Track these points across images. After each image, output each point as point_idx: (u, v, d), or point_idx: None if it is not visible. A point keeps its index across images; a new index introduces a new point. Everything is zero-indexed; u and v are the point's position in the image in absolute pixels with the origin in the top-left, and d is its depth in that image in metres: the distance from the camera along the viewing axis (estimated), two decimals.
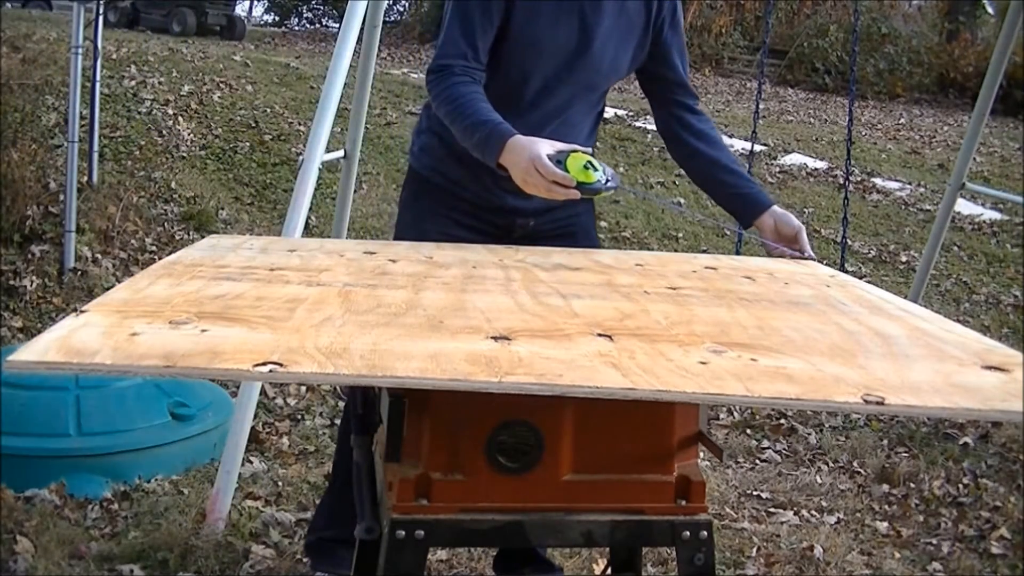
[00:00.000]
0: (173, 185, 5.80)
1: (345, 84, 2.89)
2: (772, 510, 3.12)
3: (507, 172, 1.91)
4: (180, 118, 7.06)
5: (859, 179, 8.40)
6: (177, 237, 5.13)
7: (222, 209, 5.71)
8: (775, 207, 2.13)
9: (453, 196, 2.18)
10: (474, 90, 1.99)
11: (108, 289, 1.93)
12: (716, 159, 2.19)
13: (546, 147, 1.88)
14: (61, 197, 4.76)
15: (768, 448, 3.63)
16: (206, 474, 3.01)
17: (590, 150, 1.96)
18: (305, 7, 19.77)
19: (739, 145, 9.08)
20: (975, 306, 5.69)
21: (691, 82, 2.26)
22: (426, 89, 2.06)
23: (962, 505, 3.23)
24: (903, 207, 7.90)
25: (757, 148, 5.78)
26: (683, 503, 1.43)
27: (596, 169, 1.90)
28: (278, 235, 2.75)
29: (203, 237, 2.30)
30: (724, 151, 2.22)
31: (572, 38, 2.06)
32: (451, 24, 2.03)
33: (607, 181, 1.91)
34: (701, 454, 1.65)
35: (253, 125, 7.37)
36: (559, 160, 1.88)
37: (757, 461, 3.53)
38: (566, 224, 2.23)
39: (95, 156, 5.39)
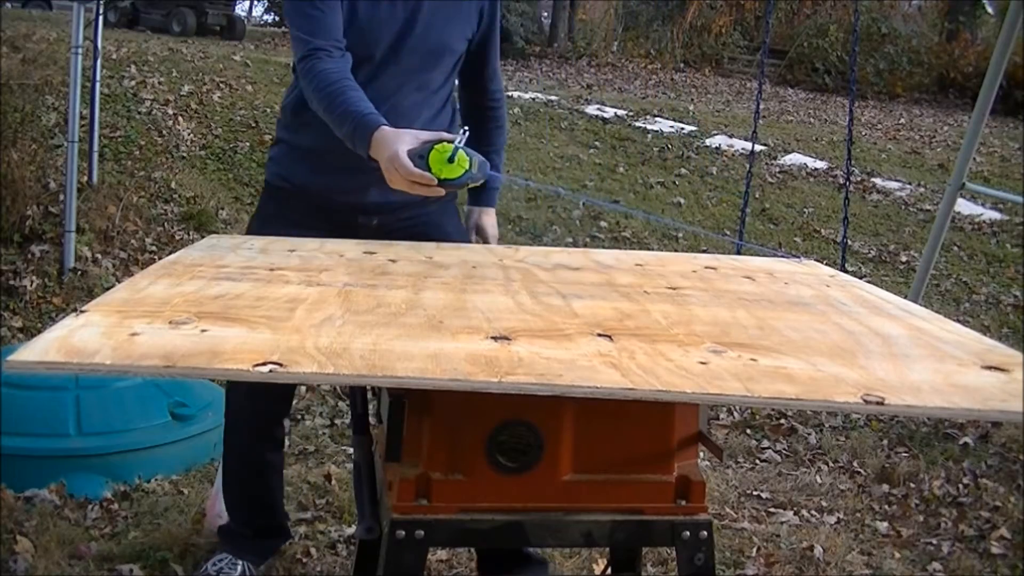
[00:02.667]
0: (173, 185, 5.79)
1: None
2: (772, 510, 3.12)
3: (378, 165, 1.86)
4: (180, 118, 7.06)
5: (859, 179, 8.40)
6: (177, 237, 5.13)
7: (222, 209, 5.70)
8: (491, 209, 2.38)
9: (297, 199, 2.17)
10: (343, 75, 1.95)
11: (108, 289, 1.92)
12: (487, 139, 2.27)
13: (407, 142, 1.82)
14: (61, 197, 4.75)
15: (768, 448, 3.63)
16: (206, 474, 3.01)
17: (457, 138, 1.87)
18: None
19: (739, 145, 9.08)
20: (975, 306, 5.69)
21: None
22: (300, 81, 2.01)
23: (962, 505, 3.23)
24: (903, 207, 7.90)
25: (757, 148, 5.78)
26: (683, 503, 1.43)
27: (462, 161, 1.82)
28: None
29: (203, 237, 2.30)
30: (498, 138, 2.32)
31: (397, 20, 2.05)
32: (306, 8, 1.99)
33: (474, 172, 1.84)
34: (701, 454, 1.65)
35: (253, 125, 7.36)
36: (422, 155, 1.81)
37: (757, 461, 3.53)
38: (414, 222, 2.21)
39: (95, 156, 5.38)
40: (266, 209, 2.27)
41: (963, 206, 7.50)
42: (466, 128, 1.91)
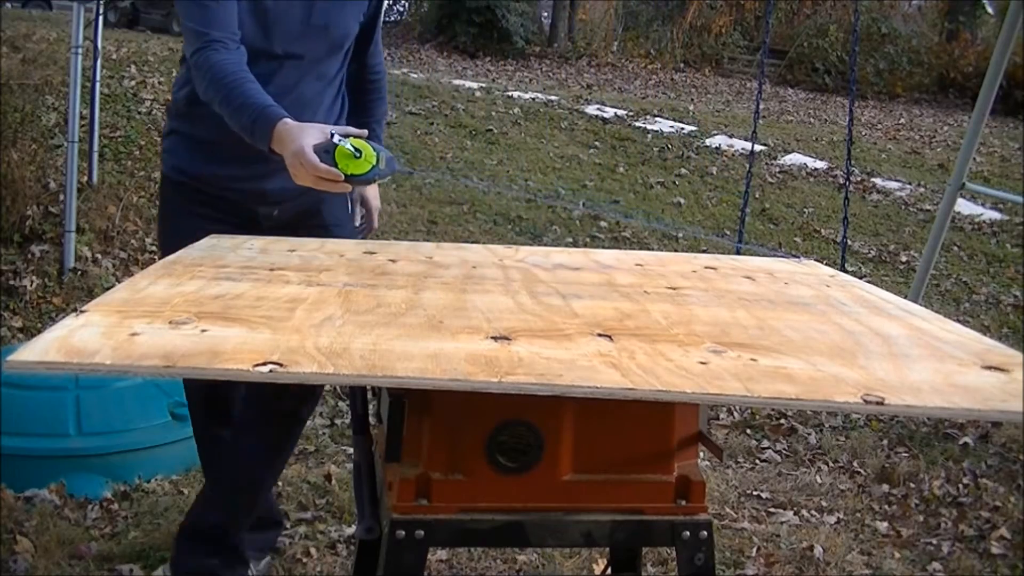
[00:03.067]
0: None
1: None
2: (772, 510, 3.12)
3: (279, 156, 1.83)
4: None
5: (859, 179, 8.40)
6: None
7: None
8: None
9: (198, 192, 2.14)
10: (239, 67, 1.91)
11: (108, 289, 1.92)
12: (368, 110, 2.29)
13: (312, 136, 1.77)
14: (61, 197, 4.75)
15: (768, 448, 3.63)
16: None
17: (364, 133, 1.85)
18: None
19: (739, 145, 9.08)
20: (975, 306, 5.68)
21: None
22: (192, 73, 1.96)
23: (962, 505, 3.23)
24: (903, 207, 7.90)
25: (757, 148, 5.78)
26: (683, 503, 1.43)
27: (369, 156, 1.78)
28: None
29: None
30: (378, 108, 2.34)
31: (299, 9, 2.04)
32: (191, 6, 1.95)
33: (381, 168, 1.80)
34: (701, 454, 1.65)
35: None
36: (328, 150, 1.76)
37: (757, 461, 3.53)
38: (312, 213, 2.21)
39: (95, 156, 5.38)
40: (172, 203, 2.21)
41: (963, 206, 7.50)
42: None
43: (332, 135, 1.78)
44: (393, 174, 1.86)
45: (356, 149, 1.77)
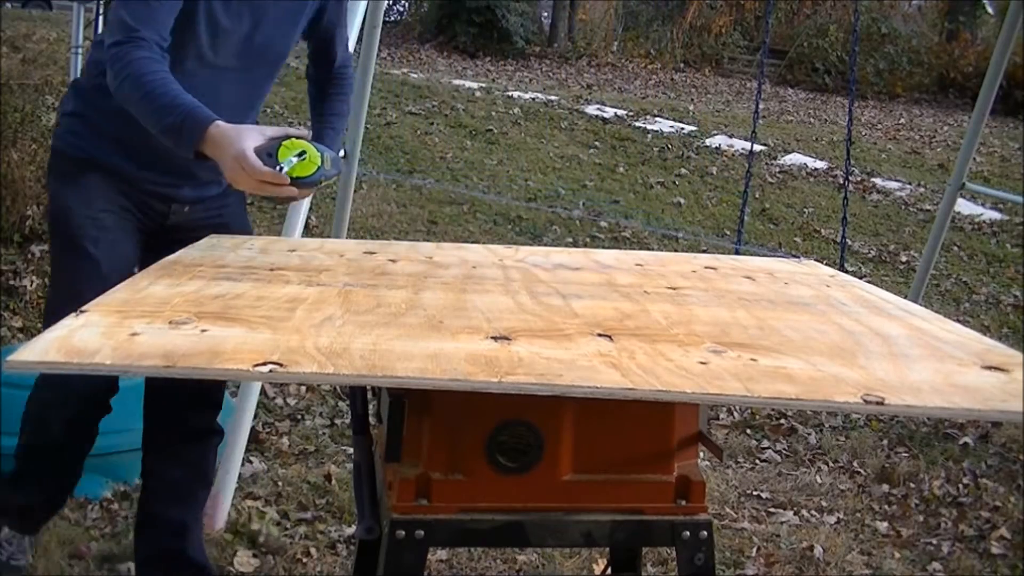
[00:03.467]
0: None
1: None
2: (772, 510, 3.12)
3: (207, 160, 1.76)
4: None
5: (859, 179, 8.40)
6: None
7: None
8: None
9: (110, 176, 2.05)
10: (163, 68, 1.82)
11: None
12: (327, 106, 2.20)
13: (252, 138, 1.70)
14: None
15: (768, 448, 3.63)
16: None
17: (305, 134, 1.79)
18: None
19: (739, 145, 9.08)
20: (975, 306, 5.69)
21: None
22: (108, 64, 1.85)
23: (962, 505, 3.23)
24: (903, 207, 7.90)
25: (757, 148, 5.78)
26: (683, 503, 1.43)
27: (313, 157, 1.71)
28: (278, 235, 2.75)
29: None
30: (340, 104, 2.22)
31: (245, 24, 1.99)
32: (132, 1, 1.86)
33: (327, 169, 1.73)
34: (701, 454, 1.65)
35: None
36: (270, 152, 1.69)
37: (757, 461, 3.53)
38: (218, 212, 2.16)
39: None
40: (76, 186, 2.06)
41: (963, 206, 7.50)
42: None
43: (272, 137, 1.71)
44: (339, 174, 1.81)
45: (300, 151, 1.70)
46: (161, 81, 1.79)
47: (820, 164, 8.89)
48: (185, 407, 2.24)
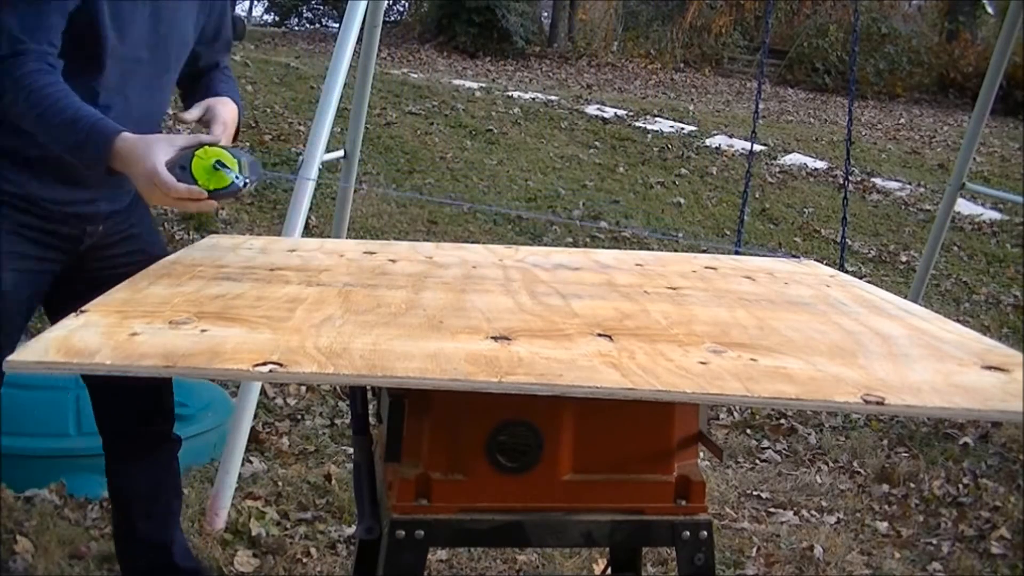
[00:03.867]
0: None
1: (345, 84, 2.88)
2: (772, 510, 3.12)
3: (119, 175, 1.65)
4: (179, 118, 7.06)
5: (859, 179, 8.40)
6: (177, 237, 5.13)
7: (222, 209, 5.70)
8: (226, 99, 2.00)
9: (14, 210, 1.83)
10: (56, 79, 1.69)
11: None
12: (214, 86, 2.05)
13: (163, 152, 1.59)
14: None
15: (768, 448, 3.63)
16: (206, 474, 3.01)
17: (219, 139, 1.69)
18: (305, 7, 19.77)
19: (739, 145, 9.08)
20: (975, 306, 5.69)
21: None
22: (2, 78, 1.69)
23: (962, 505, 3.23)
24: (903, 207, 7.90)
25: (757, 148, 5.78)
26: (683, 503, 1.43)
27: (228, 166, 1.60)
28: (278, 235, 2.75)
29: (203, 237, 2.30)
30: (226, 85, 2.07)
31: (145, 20, 1.86)
32: (19, 5, 1.70)
33: (245, 175, 1.62)
34: (701, 454, 1.65)
35: (253, 125, 7.36)
36: (183, 165, 1.58)
37: (757, 461, 3.53)
38: (129, 226, 2.03)
39: None
40: None
41: (963, 206, 7.50)
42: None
43: (183, 147, 1.60)
44: (260, 180, 1.69)
45: (215, 160, 1.60)
46: (56, 96, 1.66)
47: (820, 164, 8.89)
48: (134, 420, 2.14)
